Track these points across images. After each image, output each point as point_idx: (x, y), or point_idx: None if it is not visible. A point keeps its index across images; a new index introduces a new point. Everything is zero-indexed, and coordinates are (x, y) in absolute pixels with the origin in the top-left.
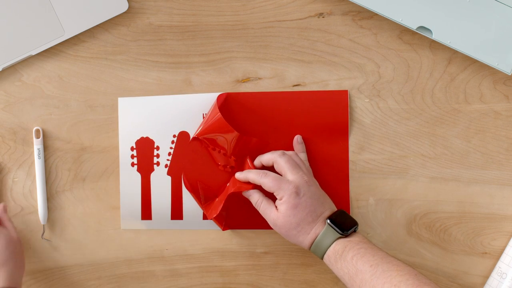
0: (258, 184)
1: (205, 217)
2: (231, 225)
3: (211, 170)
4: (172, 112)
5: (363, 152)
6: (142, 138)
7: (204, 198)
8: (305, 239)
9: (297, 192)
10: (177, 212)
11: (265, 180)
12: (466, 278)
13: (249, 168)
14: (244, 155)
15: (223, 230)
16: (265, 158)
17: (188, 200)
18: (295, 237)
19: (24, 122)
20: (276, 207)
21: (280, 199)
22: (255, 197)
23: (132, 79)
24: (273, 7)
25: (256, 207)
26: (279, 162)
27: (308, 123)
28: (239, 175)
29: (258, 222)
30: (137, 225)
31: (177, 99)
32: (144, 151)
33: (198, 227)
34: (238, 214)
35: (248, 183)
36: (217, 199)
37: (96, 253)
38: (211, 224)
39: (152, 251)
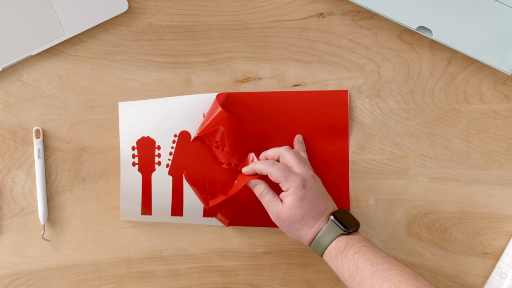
0: (265, 173)
1: (205, 215)
2: (235, 222)
3: (213, 169)
4: (173, 112)
5: (363, 152)
6: (143, 137)
7: (210, 194)
8: (307, 233)
9: (304, 185)
10: (177, 208)
11: (273, 169)
12: (466, 278)
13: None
14: (246, 151)
15: (227, 226)
16: (271, 152)
17: (189, 199)
18: (297, 230)
19: (24, 122)
20: (281, 200)
21: (286, 190)
22: (260, 188)
23: (132, 79)
24: (273, 7)
25: (260, 198)
26: (285, 155)
27: (308, 123)
28: (245, 169)
29: (263, 219)
30: (137, 218)
31: (177, 100)
32: (145, 150)
33: (198, 222)
34: (243, 211)
35: (255, 175)
36: (223, 197)
37: (96, 253)
38: (210, 221)
39: (152, 251)
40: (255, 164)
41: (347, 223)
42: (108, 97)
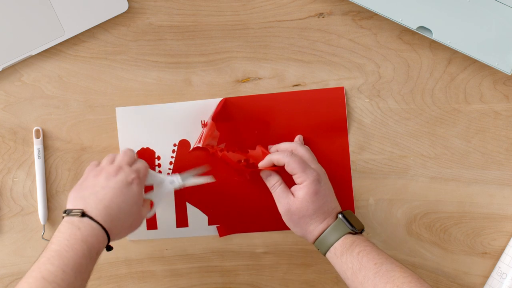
0: (282, 163)
1: (210, 223)
2: (229, 231)
3: (214, 176)
4: (171, 121)
5: (363, 152)
6: (142, 148)
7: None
8: (315, 229)
9: (319, 180)
10: (182, 220)
11: (291, 160)
12: (466, 278)
13: (265, 155)
14: (251, 144)
15: (220, 236)
16: (284, 146)
17: (193, 209)
18: (306, 225)
19: (24, 122)
20: (292, 194)
21: (301, 183)
22: (273, 179)
23: (132, 79)
24: (273, 7)
25: (271, 189)
26: (299, 150)
27: (307, 123)
28: (262, 163)
29: (264, 224)
30: (143, 235)
31: (174, 107)
32: (146, 161)
33: (204, 233)
34: (246, 218)
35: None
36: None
37: None
38: (216, 230)
39: (152, 251)
40: (272, 155)
41: (354, 223)
42: (108, 97)
